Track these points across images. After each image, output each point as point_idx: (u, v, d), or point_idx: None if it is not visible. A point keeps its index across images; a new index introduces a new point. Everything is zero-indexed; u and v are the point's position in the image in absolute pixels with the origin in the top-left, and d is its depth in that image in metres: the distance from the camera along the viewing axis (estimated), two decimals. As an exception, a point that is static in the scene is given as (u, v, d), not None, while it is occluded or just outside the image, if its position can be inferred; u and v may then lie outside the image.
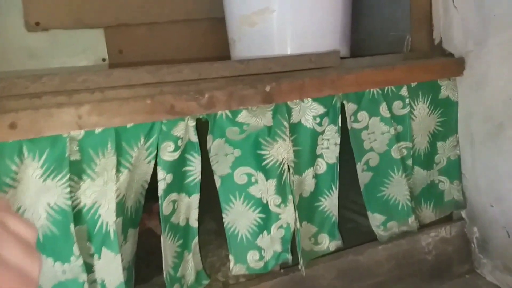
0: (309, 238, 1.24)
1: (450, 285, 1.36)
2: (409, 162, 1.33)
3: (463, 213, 1.44)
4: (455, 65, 1.35)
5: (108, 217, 0.92)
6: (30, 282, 0.37)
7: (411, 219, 1.33)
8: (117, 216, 0.93)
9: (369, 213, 1.31)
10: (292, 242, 1.19)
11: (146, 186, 1.04)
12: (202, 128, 1.13)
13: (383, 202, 1.31)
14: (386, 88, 1.27)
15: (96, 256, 0.94)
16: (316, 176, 1.22)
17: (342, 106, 1.22)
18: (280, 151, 1.13)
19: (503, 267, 1.28)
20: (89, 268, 0.93)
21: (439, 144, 1.40)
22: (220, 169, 1.15)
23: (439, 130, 1.39)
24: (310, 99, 1.16)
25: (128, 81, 0.97)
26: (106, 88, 0.93)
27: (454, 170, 1.42)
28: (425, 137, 1.37)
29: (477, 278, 1.37)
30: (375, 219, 1.31)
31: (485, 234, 1.34)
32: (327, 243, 1.26)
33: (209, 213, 1.78)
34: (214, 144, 1.12)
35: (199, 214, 1.71)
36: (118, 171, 0.93)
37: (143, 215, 1.32)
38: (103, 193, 0.91)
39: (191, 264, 1.13)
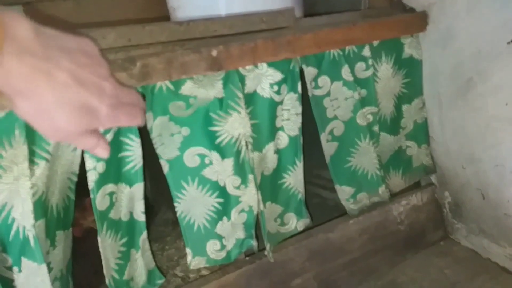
0: (274, 219, 1.11)
1: (424, 254, 1.29)
2: (376, 128, 1.22)
3: (433, 178, 1.36)
4: (418, 20, 1.23)
5: (24, 220, 0.73)
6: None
7: (382, 189, 1.23)
8: (37, 218, 0.74)
9: (336, 186, 1.19)
10: (256, 226, 1.05)
11: (75, 178, 0.86)
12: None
13: (350, 173, 1.20)
14: (347, 48, 1.13)
15: (15, 268, 0.76)
16: (277, 151, 1.08)
17: (301, 71, 1.07)
18: (235, 125, 0.98)
19: (478, 230, 1.21)
20: (7, 284, 0.75)
21: (404, 107, 1.30)
22: (166, 152, 0.98)
23: (404, 92, 1.28)
24: (265, 65, 1.00)
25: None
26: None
27: (421, 133, 1.33)
28: (390, 100, 1.26)
29: (452, 244, 1.30)
30: (344, 192, 1.19)
31: (458, 198, 1.26)
32: (294, 222, 1.14)
33: (164, 202, 1.62)
34: (155, 123, 0.94)
35: (152, 204, 1.54)
36: (32, 162, 0.74)
37: (76, 214, 1.14)
38: (14, 192, 0.72)
39: (141, 263, 0.97)
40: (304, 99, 1.09)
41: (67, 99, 0.43)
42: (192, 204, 1.01)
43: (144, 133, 0.94)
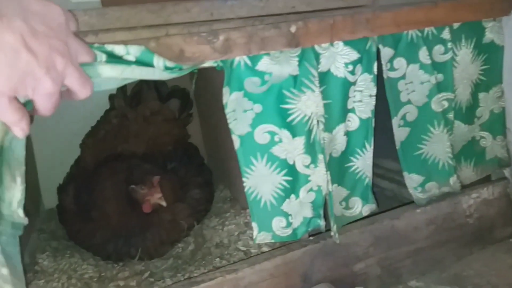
0: (339, 202, 1.08)
1: (492, 250, 1.21)
2: (450, 115, 1.15)
3: (506, 172, 1.27)
4: (502, 3, 1.14)
5: None
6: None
7: (453, 179, 1.16)
8: None
9: (405, 174, 1.14)
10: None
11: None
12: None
13: (421, 161, 1.14)
14: (426, 30, 1.07)
15: None
16: (347, 133, 1.05)
17: (377, 52, 1.03)
18: (308, 104, 0.95)
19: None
20: None
21: (481, 95, 1.21)
22: (238, 127, 0.98)
23: (482, 79, 1.19)
24: (341, 43, 0.97)
25: (126, 22, 0.79)
26: (101, 31, 0.75)
27: (497, 124, 1.23)
28: (467, 87, 1.18)
29: (523, 242, 1.21)
30: (412, 181, 1.14)
31: (534, 194, 1.17)
32: (359, 207, 1.10)
33: (222, 181, 1.64)
34: (231, 99, 0.94)
35: (211, 182, 1.56)
36: None
37: (145, 191, 1.17)
38: None
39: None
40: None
41: (10, 62, 0.40)
42: (260, 181, 1.00)
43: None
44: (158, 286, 1.08)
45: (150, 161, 1.33)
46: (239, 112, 0.96)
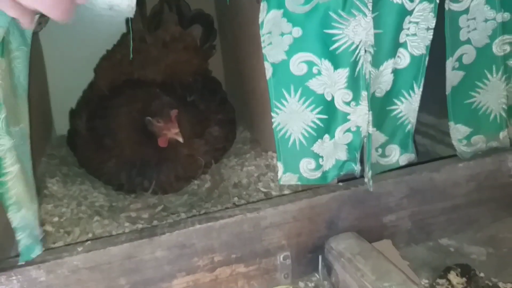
0: (375, 148, 0.98)
1: (532, 215, 1.12)
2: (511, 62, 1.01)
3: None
4: None
5: None
6: None
7: (503, 134, 1.04)
8: None
9: (451, 124, 1.02)
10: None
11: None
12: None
13: (471, 111, 1.02)
14: (501, -45, 0.90)
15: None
16: (395, 71, 0.92)
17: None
18: (357, 30, 0.82)
19: None
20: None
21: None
22: (272, 53, 0.86)
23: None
24: (401, -39, 0.81)
25: None
26: None
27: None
28: (533, 32, 1.02)
29: None
30: (458, 132, 1.02)
31: None
32: (397, 155, 1.00)
33: (242, 122, 1.54)
34: (268, 18, 0.82)
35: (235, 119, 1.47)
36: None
37: (162, 126, 1.09)
38: None
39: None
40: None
41: None
42: (290, 117, 0.90)
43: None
44: (172, 219, 1.02)
45: (168, 91, 1.22)
46: (275, 35, 0.84)
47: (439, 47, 0.93)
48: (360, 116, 0.88)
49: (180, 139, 1.09)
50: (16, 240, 0.94)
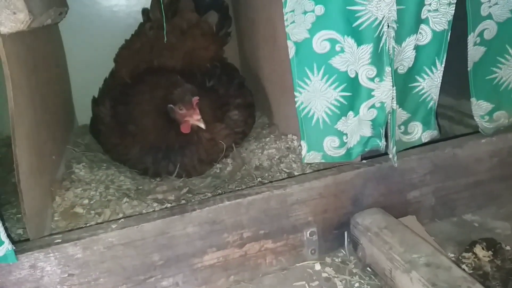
0: (398, 125, 0.98)
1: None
2: (533, 37, 1.00)
3: None
4: None
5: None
6: None
7: (526, 109, 1.03)
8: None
9: (472, 100, 1.02)
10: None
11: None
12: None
13: (492, 87, 1.01)
14: None
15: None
16: (417, 47, 0.92)
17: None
18: (380, 6, 0.82)
19: None
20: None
21: None
22: (295, 32, 0.86)
23: None
24: None
25: None
26: None
27: None
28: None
29: None
30: (480, 108, 1.02)
31: None
32: (419, 132, 1.00)
33: (259, 108, 1.55)
34: (292, -5, 0.82)
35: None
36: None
37: (184, 112, 1.10)
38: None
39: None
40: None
41: None
42: (313, 96, 0.90)
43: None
44: (199, 199, 1.03)
45: (188, 77, 1.24)
46: (298, 13, 0.84)
47: (456, 24, 0.93)
48: (384, 92, 0.88)
49: (202, 125, 1.10)
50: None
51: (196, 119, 1.11)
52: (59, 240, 0.78)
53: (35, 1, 0.91)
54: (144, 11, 1.51)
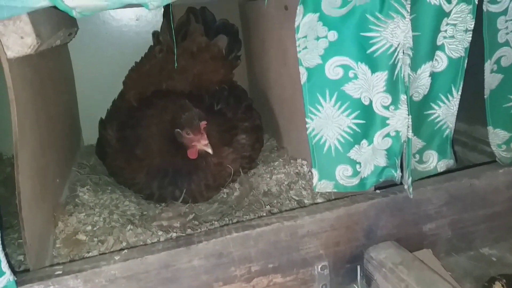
0: (413, 154, 0.94)
1: None
2: (552, 65, 0.96)
3: None
4: None
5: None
6: None
7: (545, 139, 0.99)
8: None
9: (489, 129, 0.98)
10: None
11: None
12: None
13: (510, 115, 0.97)
14: (542, -46, 0.87)
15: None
16: (432, 74, 0.89)
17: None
18: (396, 32, 0.79)
19: None
20: None
21: None
22: (307, 58, 0.83)
23: None
24: (440, -39, 0.79)
25: None
26: None
27: None
28: None
29: None
30: (497, 137, 0.98)
31: None
32: (435, 161, 0.96)
33: (268, 131, 1.52)
34: (303, 22, 0.80)
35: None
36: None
37: (192, 138, 1.07)
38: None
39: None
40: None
41: None
42: (325, 123, 0.87)
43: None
44: (206, 228, 0.99)
45: (197, 100, 1.21)
46: (311, 39, 0.82)
47: (471, 50, 0.90)
48: (399, 120, 0.84)
49: (210, 151, 1.07)
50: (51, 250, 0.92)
51: (203, 144, 1.08)
52: (60, 272, 0.74)
53: (44, 24, 0.89)
54: (154, 34, 1.50)
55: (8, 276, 0.71)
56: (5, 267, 0.71)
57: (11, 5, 0.64)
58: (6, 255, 0.73)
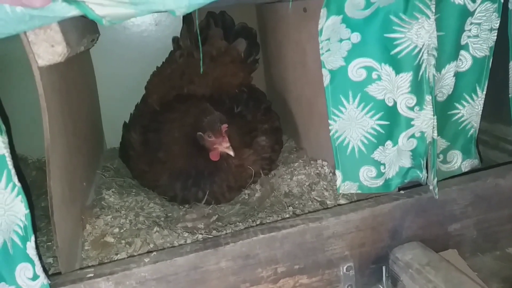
0: (437, 154, 0.92)
1: None
2: None
3: None
4: None
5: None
6: None
7: None
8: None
9: (514, 128, 0.95)
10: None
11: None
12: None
13: (535, 114, 0.95)
14: None
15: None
16: (456, 74, 0.87)
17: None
18: (420, 33, 0.78)
19: None
20: None
21: None
22: (330, 60, 0.82)
23: None
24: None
25: None
26: None
27: None
28: None
29: None
30: (522, 135, 0.95)
31: None
32: (459, 161, 0.94)
33: (286, 132, 1.51)
34: (327, 24, 0.79)
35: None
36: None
37: (214, 140, 1.07)
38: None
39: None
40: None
41: None
42: (349, 124, 0.86)
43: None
44: (231, 229, 0.99)
45: (217, 103, 1.21)
46: (334, 41, 0.81)
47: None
48: (424, 121, 0.83)
49: (231, 153, 1.08)
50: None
51: (225, 147, 1.08)
52: (92, 275, 0.75)
53: (72, 32, 0.90)
54: (174, 39, 1.51)
55: (43, 279, 0.72)
56: (39, 270, 0.72)
57: (42, 15, 0.65)
58: (40, 258, 0.74)
